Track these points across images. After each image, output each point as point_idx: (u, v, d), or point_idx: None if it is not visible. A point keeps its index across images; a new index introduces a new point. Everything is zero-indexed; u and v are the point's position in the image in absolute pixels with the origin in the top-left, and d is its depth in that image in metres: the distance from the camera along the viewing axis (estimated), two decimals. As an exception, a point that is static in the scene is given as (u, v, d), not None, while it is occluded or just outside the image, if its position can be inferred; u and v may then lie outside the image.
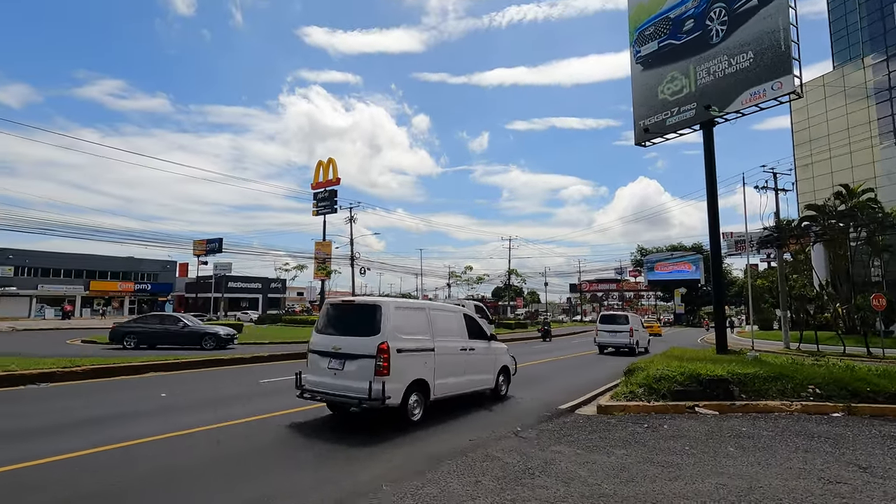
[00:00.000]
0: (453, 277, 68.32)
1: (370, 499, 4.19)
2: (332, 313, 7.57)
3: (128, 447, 5.64)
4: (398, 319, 7.09)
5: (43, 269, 56.31)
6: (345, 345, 6.99)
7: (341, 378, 6.86)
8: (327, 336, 7.28)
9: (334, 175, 53.18)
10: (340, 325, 7.31)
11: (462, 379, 8.32)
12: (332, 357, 7.04)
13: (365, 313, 7.10)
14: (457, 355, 8.25)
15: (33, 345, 19.39)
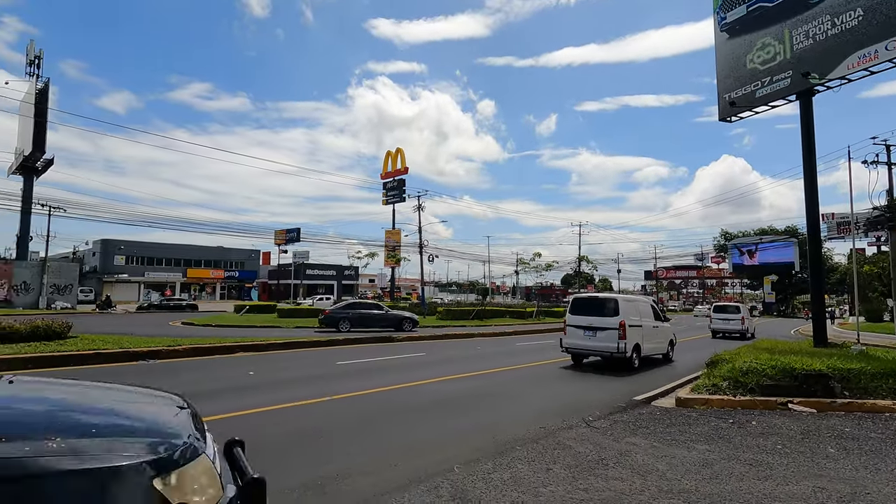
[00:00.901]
0: (521, 264, 67.58)
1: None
2: (583, 302, 12.69)
3: (306, 405, 6.19)
4: (625, 307, 11.83)
5: (148, 258, 62.75)
6: (596, 322, 11.74)
7: (594, 341, 11.74)
8: (580, 317, 12.14)
9: (402, 164, 54.19)
10: (590, 310, 12.13)
11: (653, 345, 12.96)
12: (587, 329, 11.89)
13: (608, 303, 11.93)
14: (651, 329, 12.90)
15: (142, 325, 21.74)
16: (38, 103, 43.08)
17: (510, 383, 9.65)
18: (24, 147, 43.95)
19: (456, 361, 12.88)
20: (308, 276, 71.03)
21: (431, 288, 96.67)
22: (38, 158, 44.15)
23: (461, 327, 25.07)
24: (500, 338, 21.51)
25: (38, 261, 46.83)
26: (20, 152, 44.73)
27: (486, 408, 7.47)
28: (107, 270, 58.91)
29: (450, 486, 4.14)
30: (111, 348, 11.14)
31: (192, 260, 66.40)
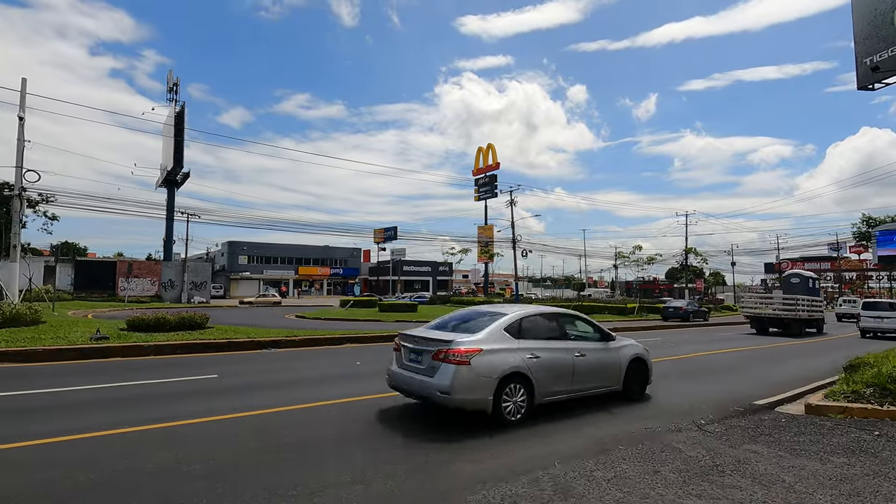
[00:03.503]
0: (620, 258, 64.30)
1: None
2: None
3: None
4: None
5: (266, 257, 69.49)
6: None
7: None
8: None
9: (494, 160, 54.12)
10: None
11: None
12: None
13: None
14: None
15: (262, 318, 24.20)
16: (176, 124, 49.64)
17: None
18: (167, 163, 50.92)
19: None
20: (405, 272, 73.93)
21: (525, 283, 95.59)
22: (178, 172, 50.88)
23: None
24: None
25: (180, 261, 54.02)
26: (164, 168, 51.89)
27: (583, 407, 7.30)
28: (233, 269, 66.28)
29: (551, 481, 4.15)
30: (241, 338, 12.60)
31: (303, 258, 72.34)
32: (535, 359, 6.25)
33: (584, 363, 6.87)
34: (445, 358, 5.74)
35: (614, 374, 7.37)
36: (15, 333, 11.58)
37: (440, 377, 5.71)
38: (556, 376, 6.49)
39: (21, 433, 5.09)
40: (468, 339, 6.01)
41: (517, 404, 6.02)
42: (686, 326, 27.53)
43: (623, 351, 7.63)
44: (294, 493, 3.79)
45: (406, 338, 6.50)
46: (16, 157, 18.83)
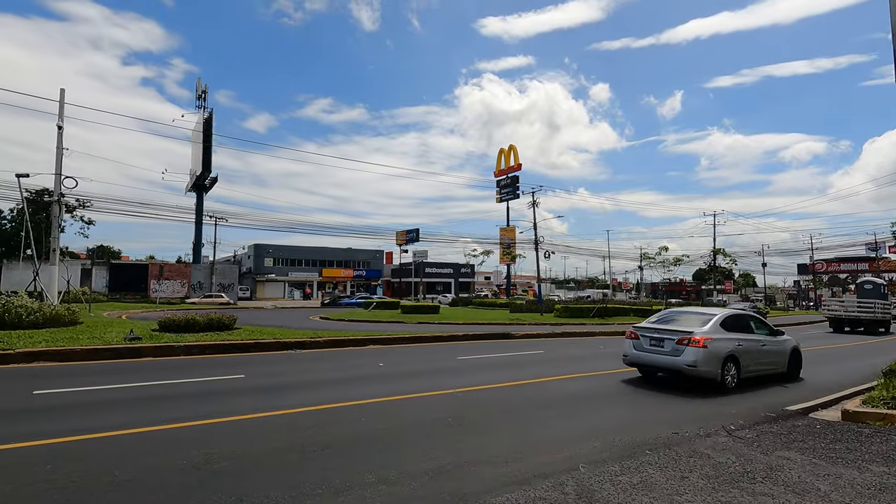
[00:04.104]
0: (646, 259, 63.15)
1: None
2: None
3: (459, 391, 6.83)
4: None
5: (291, 259, 70.67)
6: None
7: None
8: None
9: (515, 161, 53.86)
10: None
11: None
12: None
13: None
14: None
15: (288, 319, 24.61)
16: (205, 130, 50.99)
17: (637, 384, 9.15)
18: (196, 168, 52.35)
19: (578, 360, 12.55)
20: (427, 274, 74.16)
21: (548, 285, 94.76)
22: (206, 177, 52.25)
23: (580, 325, 24.26)
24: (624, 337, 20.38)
25: (208, 264, 55.41)
26: (193, 173, 53.35)
27: (611, 408, 7.20)
28: (259, 271, 67.63)
29: (575, 485, 4.11)
30: (267, 339, 12.84)
31: (326, 261, 73.32)
32: (740, 345, 8.90)
33: (766, 350, 9.52)
34: (689, 343, 8.46)
35: (782, 359, 9.90)
36: (54, 333, 12.07)
37: (686, 356, 8.42)
38: (750, 359, 9.07)
39: (59, 430, 5.30)
40: (701, 330, 8.66)
41: (732, 376, 8.66)
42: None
43: (787, 343, 10.09)
44: (319, 493, 3.84)
45: (643, 329, 9.50)
46: (55, 165, 19.63)
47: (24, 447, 4.71)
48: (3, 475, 4.05)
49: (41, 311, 13.54)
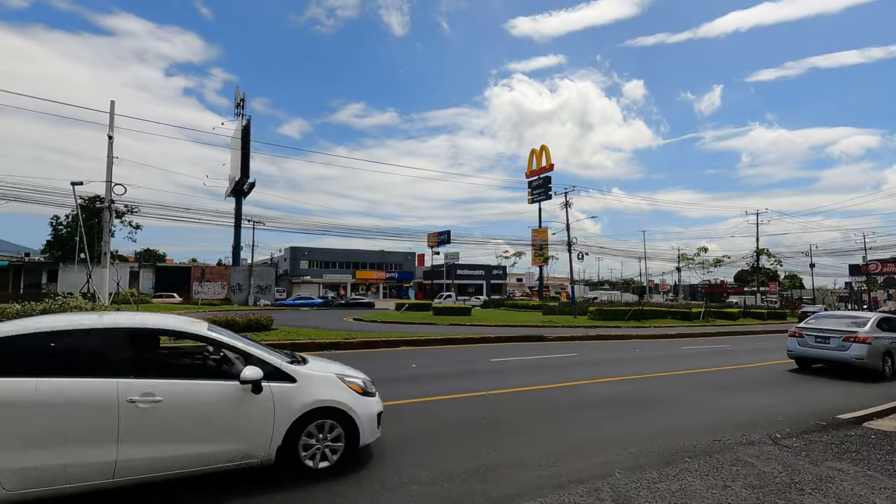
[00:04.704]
0: (684, 260, 61.16)
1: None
2: None
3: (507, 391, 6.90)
4: None
5: (325, 262, 72.13)
6: None
7: None
8: None
9: (547, 162, 53.30)
10: None
11: None
12: None
13: None
14: None
15: (322, 320, 25.11)
16: (243, 137, 52.72)
17: (675, 389, 8.89)
18: (234, 174, 54.14)
19: (613, 363, 12.29)
20: (458, 275, 74.21)
21: (581, 287, 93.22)
22: (245, 183, 53.94)
23: (615, 328, 23.74)
24: (662, 340, 19.85)
25: (247, 266, 57.19)
26: (232, 179, 55.19)
27: (648, 413, 7.02)
28: (294, 273, 69.31)
29: (611, 491, 4.03)
30: (303, 339, 13.15)
31: (359, 263, 74.47)
32: (892, 343, 10.88)
33: None
34: (855, 340, 10.49)
35: None
36: (106, 333, 12.72)
37: (853, 350, 10.43)
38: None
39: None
40: (864, 329, 10.66)
41: (889, 367, 10.70)
42: (769, 332, 25.75)
43: None
44: (347, 491, 3.90)
45: (806, 329, 11.40)
46: (106, 173, 20.74)
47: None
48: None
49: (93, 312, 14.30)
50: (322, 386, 4.41)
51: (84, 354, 3.67)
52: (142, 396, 3.62)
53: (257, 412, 4.00)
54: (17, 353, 3.50)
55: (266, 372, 4.07)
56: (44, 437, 3.36)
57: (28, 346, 3.55)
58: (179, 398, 3.75)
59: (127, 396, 3.58)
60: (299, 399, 4.21)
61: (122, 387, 3.59)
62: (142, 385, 3.66)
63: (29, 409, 3.34)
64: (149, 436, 3.62)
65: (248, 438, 3.96)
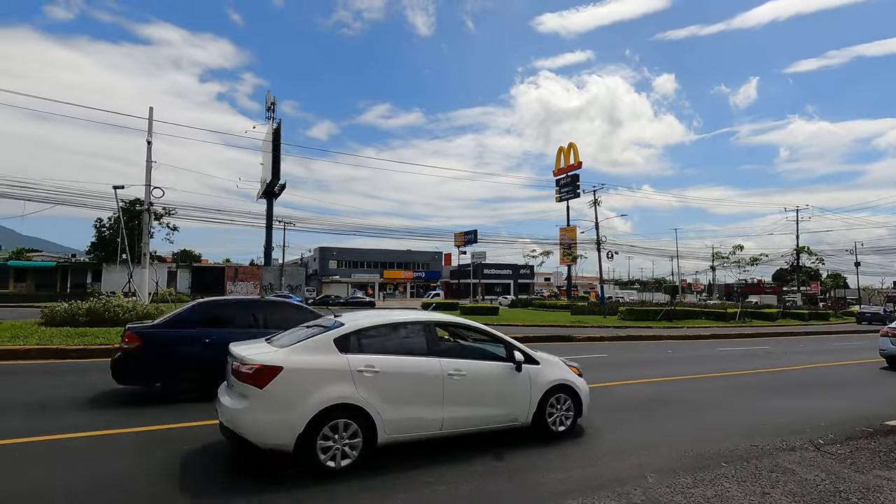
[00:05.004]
0: (718, 259, 59.27)
1: None
2: None
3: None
4: None
5: (354, 262, 73.10)
6: None
7: None
8: None
9: (575, 159, 52.61)
10: None
11: None
12: None
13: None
14: None
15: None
16: (274, 140, 53.95)
17: (710, 391, 8.63)
18: (266, 176, 55.47)
19: (644, 364, 12.04)
20: (486, 275, 73.96)
21: (611, 286, 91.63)
22: (276, 184, 55.21)
23: (646, 328, 23.22)
24: (695, 341, 19.31)
25: (278, 266, 58.54)
26: (263, 181, 56.57)
27: (682, 416, 6.85)
28: (324, 273, 70.49)
29: (643, 495, 3.95)
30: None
31: (387, 262, 75.13)
32: None
33: None
34: None
35: None
36: (146, 331, 13.24)
37: None
38: None
39: (145, 422, 5.81)
40: None
41: None
42: (810, 334, 24.73)
43: None
44: (383, 489, 3.94)
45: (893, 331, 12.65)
46: (145, 177, 21.57)
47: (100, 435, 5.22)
48: (115, 456, 4.51)
49: (135, 310, 14.90)
50: (556, 368, 5.75)
51: (414, 339, 5.00)
52: (455, 371, 4.90)
53: (520, 386, 5.29)
54: (376, 337, 4.82)
55: (525, 357, 5.39)
56: (406, 398, 4.61)
57: (380, 333, 4.88)
58: (475, 374, 5.05)
59: (446, 371, 4.87)
60: (543, 378, 5.51)
61: (443, 364, 4.89)
62: (453, 363, 4.96)
63: (399, 379, 4.62)
64: (460, 400, 4.90)
65: (514, 406, 5.26)
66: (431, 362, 4.83)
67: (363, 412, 4.35)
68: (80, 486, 3.92)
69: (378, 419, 4.40)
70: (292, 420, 4.11)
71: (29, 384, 7.87)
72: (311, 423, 4.15)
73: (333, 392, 4.29)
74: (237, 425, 4.19)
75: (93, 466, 4.32)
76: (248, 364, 4.24)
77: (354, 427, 4.32)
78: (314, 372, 4.33)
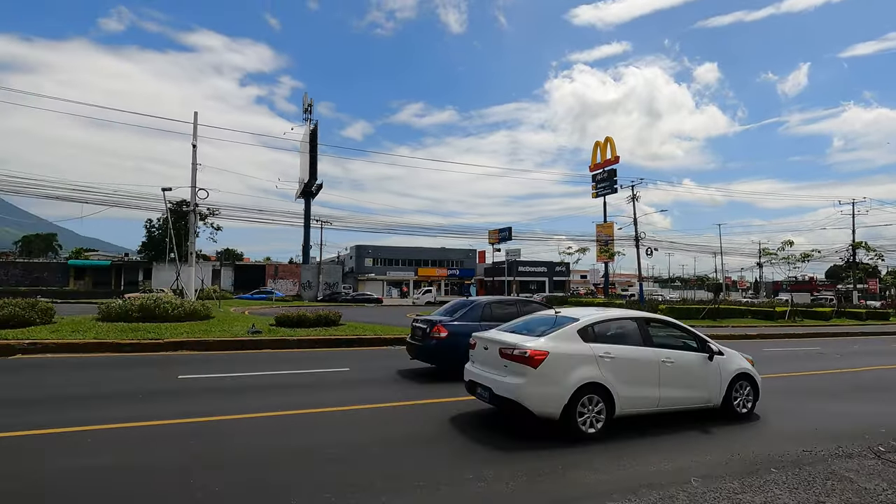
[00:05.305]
0: (766, 255, 56.57)
1: None
2: None
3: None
4: None
5: (389, 259, 73.97)
6: None
7: None
8: None
9: (612, 154, 51.41)
10: None
11: None
12: None
13: None
14: None
15: (386, 316, 25.80)
16: (311, 141, 55.16)
17: (758, 395, 8.26)
18: (303, 177, 56.80)
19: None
20: (520, 272, 73.34)
21: (650, 284, 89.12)
22: (313, 184, 56.45)
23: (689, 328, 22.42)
24: (740, 341, 18.51)
25: (316, 264, 59.89)
26: (301, 181, 57.95)
27: (725, 419, 6.58)
28: (360, 271, 71.66)
29: (686, 499, 3.82)
30: (369, 335, 13.58)
31: (421, 260, 75.65)
32: None
33: None
34: None
35: None
36: (193, 326, 13.83)
37: None
38: None
39: (199, 410, 6.07)
40: None
41: None
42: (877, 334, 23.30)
43: None
44: (418, 485, 3.99)
45: None
46: (191, 179, 22.50)
47: (169, 424, 5.48)
48: (149, 448, 4.75)
49: (182, 307, 15.57)
50: (737, 359, 6.67)
51: (632, 332, 6.02)
52: (666, 359, 5.94)
53: (712, 373, 6.28)
54: (603, 329, 5.87)
55: (716, 349, 6.41)
56: (634, 380, 5.65)
57: (607, 326, 5.94)
58: (681, 361, 6.08)
59: (660, 358, 5.91)
60: (729, 366, 6.47)
61: (658, 354, 5.93)
62: (664, 352, 6.00)
63: (628, 363, 5.68)
64: (671, 383, 5.93)
65: (709, 390, 6.25)
66: (649, 351, 5.90)
67: (605, 389, 5.42)
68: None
69: (616, 395, 5.45)
70: (560, 393, 5.23)
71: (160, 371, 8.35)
72: (573, 396, 5.24)
73: (585, 373, 5.38)
74: (519, 396, 5.21)
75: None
76: (521, 349, 5.34)
77: (598, 400, 5.39)
78: (571, 356, 5.43)
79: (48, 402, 6.40)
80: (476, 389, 5.86)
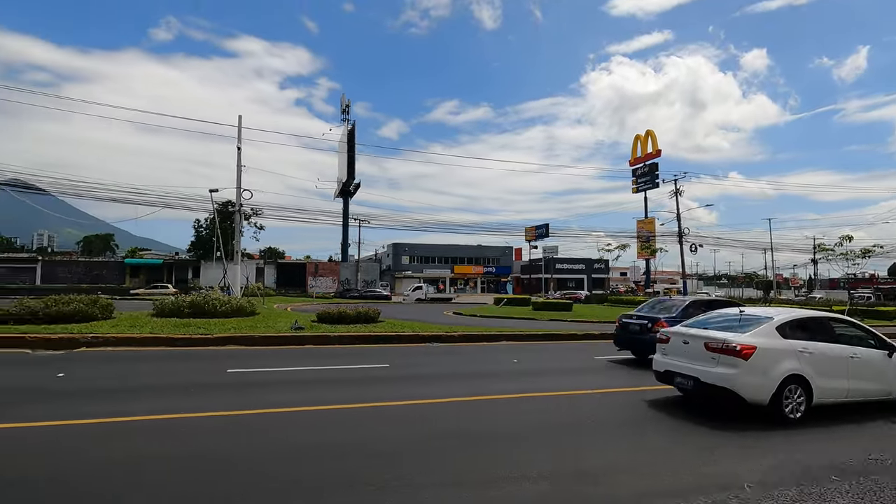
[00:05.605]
0: (821, 251, 53.41)
1: None
2: None
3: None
4: None
5: (425, 257, 74.55)
6: None
7: None
8: None
9: (654, 147, 49.93)
10: None
11: None
12: None
13: None
14: None
15: (422, 314, 25.99)
16: (348, 141, 56.22)
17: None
18: (342, 176, 58.01)
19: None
20: (557, 270, 72.37)
21: (694, 281, 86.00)
22: (351, 184, 57.58)
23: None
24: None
25: (354, 262, 61.05)
26: (339, 181, 59.21)
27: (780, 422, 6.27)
28: (397, 268, 72.57)
29: None
30: (407, 332, 13.73)
31: (458, 258, 75.88)
32: None
33: None
34: None
35: None
36: (239, 322, 14.39)
37: None
38: None
39: (246, 403, 6.31)
40: None
41: None
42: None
43: None
44: (440, 483, 4.00)
45: None
46: (236, 180, 23.37)
47: (218, 416, 5.73)
48: (206, 439, 4.97)
49: (229, 304, 16.22)
50: None
51: (820, 329, 6.71)
52: (853, 354, 6.58)
53: (891, 369, 6.87)
54: (795, 327, 6.53)
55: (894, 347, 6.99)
56: (827, 373, 6.30)
57: (797, 324, 6.60)
58: (864, 357, 6.68)
59: (847, 354, 6.56)
60: None
61: (846, 350, 6.60)
62: (850, 349, 6.65)
63: (822, 358, 6.33)
64: (857, 376, 6.55)
65: (889, 384, 6.86)
66: (838, 347, 6.55)
67: (805, 381, 6.10)
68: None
69: (814, 386, 6.12)
70: (769, 383, 5.94)
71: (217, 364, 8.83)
72: (780, 385, 5.93)
73: (788, 365, 6.08)
74: (734, 385, 5.91)
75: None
76: (733, 343, 6.06)
77: (800, 390, 6.09)
78: (776, 351, 6.14)
79: (120, 391, 6.81)
80: (675, 379, 6.66)
